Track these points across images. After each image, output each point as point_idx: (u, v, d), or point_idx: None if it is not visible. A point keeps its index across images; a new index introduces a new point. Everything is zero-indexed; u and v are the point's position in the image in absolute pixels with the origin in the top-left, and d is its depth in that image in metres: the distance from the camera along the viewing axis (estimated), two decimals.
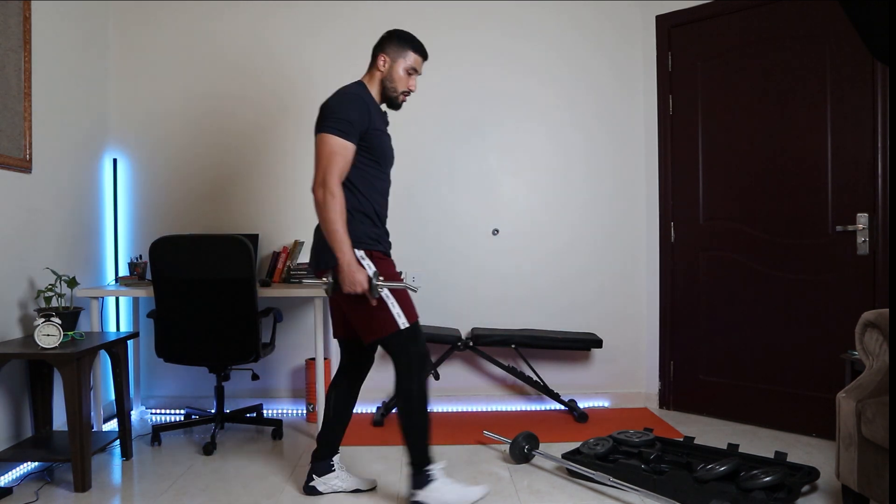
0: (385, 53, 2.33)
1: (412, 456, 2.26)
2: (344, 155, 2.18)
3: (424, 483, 2.23)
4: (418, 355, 2.23)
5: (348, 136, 2.18)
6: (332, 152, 2.17)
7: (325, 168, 2.16)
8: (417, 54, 2.35)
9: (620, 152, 3.77)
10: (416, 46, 2.35)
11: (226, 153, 3.73)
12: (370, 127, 2.24)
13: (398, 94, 2.35)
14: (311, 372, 3.49)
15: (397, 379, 2.24)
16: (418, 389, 2.22)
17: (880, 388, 2.13)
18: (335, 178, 2.16)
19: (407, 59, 2.33)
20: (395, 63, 2.32)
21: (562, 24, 3.75)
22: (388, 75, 2.33)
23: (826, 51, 3.05)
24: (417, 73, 2.36)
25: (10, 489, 2.52)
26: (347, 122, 2.18)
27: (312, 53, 3.73)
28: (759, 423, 3.32)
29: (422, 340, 2.26)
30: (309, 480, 2.47)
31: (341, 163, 2.18)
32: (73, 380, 2.49)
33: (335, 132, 2.17)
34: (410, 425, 2.24)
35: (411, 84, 2.36)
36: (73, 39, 3.33)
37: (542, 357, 3.76)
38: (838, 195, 3.03)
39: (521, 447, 2.80)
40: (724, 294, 3.43)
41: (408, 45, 2.33)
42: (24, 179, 2.91)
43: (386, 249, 2.34)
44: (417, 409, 2.23)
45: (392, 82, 2.33)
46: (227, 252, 2.86)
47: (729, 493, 2.27)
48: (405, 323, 2.21)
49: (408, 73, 2.34)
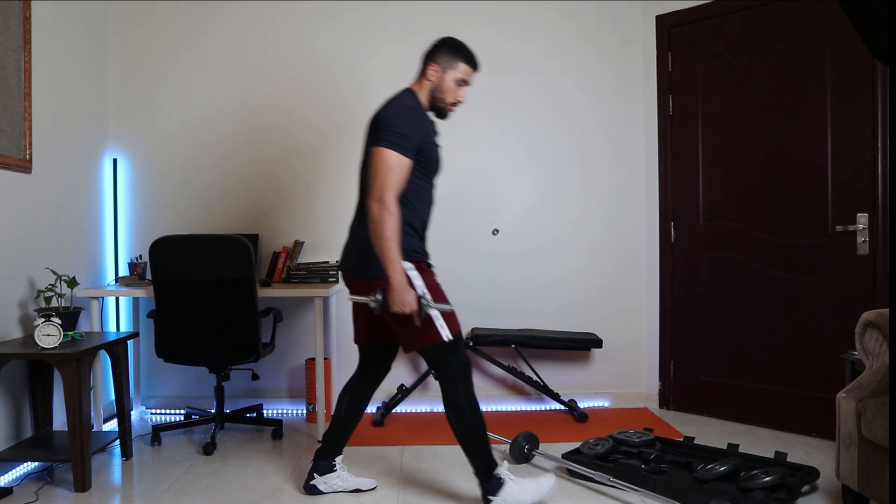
0: (436, 63, 2.28)
1: (478, 465, 2.23)
2: (401, 171, 2.14)
3: (498, 488, 2.21)
4: (460, 365, 2.21)
5: (406, 152, 2.14)
6: (390, 168, 2.11)
7: (383, 184, 2.10)
8: (468, 65, 2.29)
9: (620, 152, 3.77)
10: (468, 57, 2.29)
11: (226, 153, 3.73)
12: (426, 141, 2.21)
13: (446, 104, 2.30)
14: (311, 372, 3.49)
15: (443, 391, 2.22)
16: (467, 399, 2.21)
17: (880, 388, 2.13)
18: (392, 194, 2.10)
19: (457, 70, 2.27)
20: (445, 73, 2.27)
21: (561, 24, 3.75)
22: (438, 85, 2.28)
23: (826, 51, 3.05)
24: (467, 84, 2.31)
25: (10, 489, 2.52)
26: (406, 137, 2.13)
27: (316, 51, 3.73)
28: (759, 423, 3.32)
29: (463, 350, 2.24)
30: (310, 479, 2.47)
31: (399, 179, 2.13)
32: (73, 380, 2.49)
33: (394, 147, 2.12)
34: (469, 436, 2.22)
35: (460, 95, 2.30)
36: (73, 40, 3.33)
37: (542, 357, 3.76)
38: (838, 195, 3.03)
39: (521, 447, 2.80)
40: (724, 294, 3.43)
41: (459, 55, 2.28)
42: (24, 179, 2.91)
43: (429, 261, 2.34)
44: (471, 419, 2.21)
45: (441, 93, 2.28)
46: (227, 252, 2.86)
47: (729, 493, 2.27)
48: (448, 335, 2.19)
49: (458, 84, 2.28)
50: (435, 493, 2.48)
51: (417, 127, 2.18)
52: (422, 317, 2.14)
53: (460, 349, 2.23)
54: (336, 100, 3.74)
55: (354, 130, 3.73)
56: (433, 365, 2.24)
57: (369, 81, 3.73)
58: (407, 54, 3.71)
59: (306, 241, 3.71)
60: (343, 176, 3.73)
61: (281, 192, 3.73)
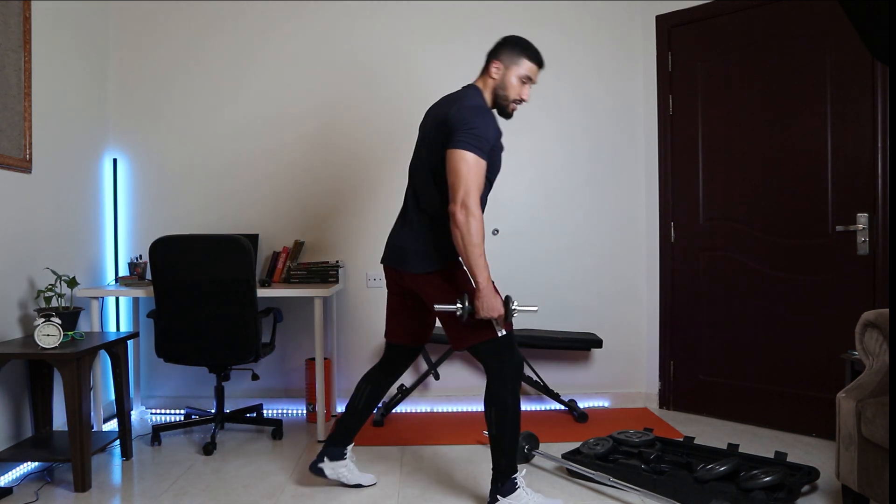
0: (499, 60, 2.26)
1: (502, 463, 2.22)
2: (481, 174, 2.11)
3: (510, 491, 2.21)
4: (513, 363, 2.20)
5: (483, 154, 2.10)
6: (470, 171, 2.07)
7: (467, 188, 2.06)
8: (532, 62, 2.25)
9: (620, 152, 3.77)
10: (532, 54, 2.25)
11: (225, 153, 3.73)
12: (494, 144, 2.19)
13: (509, 102, 2.26)
14: (311, 372, 3.49)
15: (491, 387, 2.21)
16: (512, 399, 2.19)
17: (880, 388, 2.13)
18: (476, 198, 2.07)
19: (521, 67, 2.24)
20: (508, 70, 2.24)
21: (561, 24, 3.75)
22: (501, 83, 2.25)
23: (826, 51, 3.05)
24: (532, 83, 2.27)
25: (10, 489, 2.52)
26: (485, 139, 2.10)
27: (317, 51, 3.73)
28: (759, 423, 3.32)
29: (517, 349, 2.23)
30: (319, 461, 2.47)
31: (480, 182, 2.10)
32: (73, 380, 2.49)
33: (474, 150, 2.08)
34: (503, 434, 2.20)
35: (524, 93, 2.27)
36: (73, 39, 3.33)
37: (542, 357, 3.76)
38: (838, 195, 3.03)
39: (521, 447, 2.80)
40: (724, 294, 3.43)
41: (523, 52, 2.25)
42: (24, 179, 2.91)
43: None
44: (511, 418, 2.20)
45: (504, 90, 2.25)
46: (227, 252, 2.86)
47: (729, 493, 2.27)
48: (502, 331, 2.18)
49: (521, 82, 2.25)
50: (435, 493, 2.48)
51: (492, 128, 2.15)
52: (508, 319, 2.15)
53: (515, 349, 2.22)
54: (336, 100, 3.74)
55: (355, 130, 3.73)
56: (484, 362, 2.22)
57: (370, 82, 3.73)
58: (408, 55, 3.71)
59: (306, 241, 3.71)
60: (344, 176, 3.73)
61: (281, 192, 3.73)
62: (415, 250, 2.25)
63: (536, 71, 2.27)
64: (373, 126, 3.71)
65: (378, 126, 3.72)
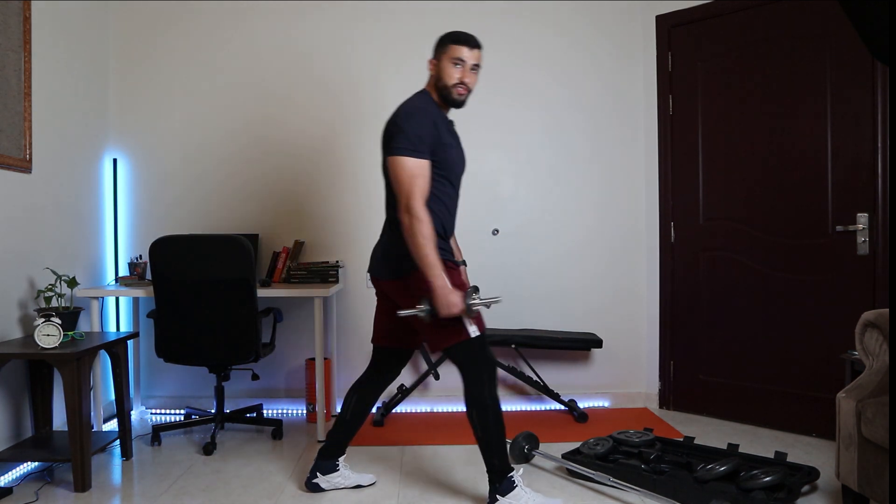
0: (432, 59, 2.32)
1: (493, 464, 2.23)
2: (423, 175, 2.15)
3: (508, 490, 2.21)
4: (487, 363, 2.21)
5: (422, 155, 2.15)
6: (411, 175, 2.13)
7: (408, 193, 2.12)
8: (456, 43, 2.26)
9: (620, 152, 3.77)
10: (454, 37, 2.28)
11: (226, 153, 3.73)
12: (438, 141, 2.21)
13: (450, 88, 2.27)
14: (311, 372, 3.49)
15: (467, 389, 2.22)
16: (491, 398, 2.20)
17: (880, 388, 2.13)
18: (420, 200, 2.12)
19: (449, 52, 2.27)
20: (440, 61, 2.29)
21: (561, 24, 3.75)
22: (438, 74, 2.29)
23: (826, 51, 3.04)
24: (466, 63, 2.26)
25: (10, 489, 2.52)
26: (418, 138, 2.15)
27: (318, 51, 3.73)
28: (759, 423, 3.32)
29: (490, 350, 2.25)
30: (312, 477, 2.48)
31: (423, 183, 2.15)
32: (73, 380, 2.49)
33: (409, 153, 2.13)
34: (489, 435, 2.22)
35: (460, 75, 2.26)
36: (73, 39, 3.33)
37: (542, 357, 3.76)
38: (838, 195, 3.03)
39: (521, 447, 2.80)
40: (724, 294, 3.43)
41: (446, 39, 2.29)
42: (24, 179, 2.91)
43: (454, 259, 2.34)
44: (493, 418, 2.21)
45: (441, 80, 2.28)
46: (227, 252, 2.86)
47: (729, 493, 2.27)
48: (475, 331, 2.19)
49: (453, 64, 2.25)
50: (435, 493, 2.48)
51: (427, 126, 2.18)
52: (471, 314, 2.14)
53: (487, 349, 2.23)
54: (337, 100, 3.74)
55: (355, 130, 3.73)
56: (459, 364, 2.23)
57: (371, 82, 3.73)
58: (410, 54, 3.71)
59: (306, 241, 3.71)
60: (343, 176, 3.73)
61: (281, 192, 3.73)
62: (383, 257, 2.32)
63: (467, 50, 2.26)
64: (373, 127, 3.70)
65: (378, 127, 3.71)
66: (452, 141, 2.31)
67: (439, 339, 2.21)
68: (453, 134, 2.35)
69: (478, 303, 2.15)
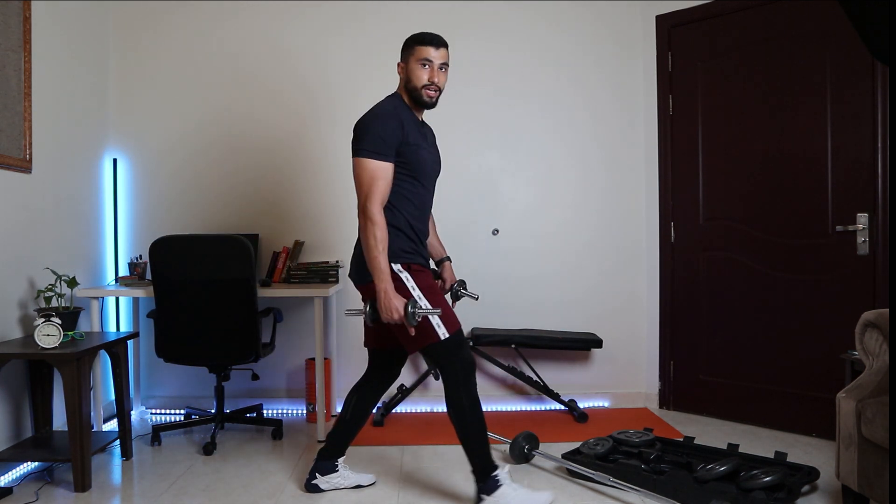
0: (400, 62, 2.34)
1: (475, 464, 2.24)
2: (383, 177, 2.18)
3: (493, 489, 2.21)
4: (462, 363, 2.21)
5: (385, 157, 2.17)
6: (371, 177, 2.16)
7: (366, 194, 2.16)
8: (422, 44, 2.28)
9: (620, 152, 3.77)
10: (419, 38, 2.29)
11: (226, 153, 3.73)
12: (404, 141, 2.22)
13: (420, 90, 2.28)
14: (311, 372, 3.49)
15: (445, 389, 2.23)
16: (468, 398, 2.21)
17: (880, 388, 2.13)
18: (376, 203, 2.15)
19: (416, 54, 2.28)
20: (408, 64, 2.30)
21: (561, 25, 3.75)
22: (407, 77, 2.30)
23: (826, 51, 3.04)
24: (433, 63, 2.26)
25: (10, 489, 2.52)
26: (381, 140, 2.17)
27: (318, 51, 3.73)
28: (759, 423, 3.32)
29: (467, 350, 2.25)
30: (311, 478, 2.48)
31: (381, 186, 2.17)
32: (73, 380, 2.49)
33: (371, 155, 2.16)
34: (467, 435, 2.22)
35: (429, 76, 2.27)
36: (73, 40, 3.33)
37: (542, 357, 3.76)
38: (838, 195, 3.03)
39: (521, 447, 2.80)
40: (724, 294, 3.43)
41: (411, 41, 2.31)
42: (24, 179, 2.91)
43: (423, 262, 2.33)
44: (471, 418, 2.21)
45: (411, 82, 2.29)
46: (227, 252, 2.86)
47: (729, 493, 2.27)
48: (445, 333, 2.19)
49: (421, 65, 2.27)
50: (435, 493, 2.48)
51: (392, 128, 2.20)
52: (411, 322, 2.13)
53: (464, 349, 2.23)
54: (337, 100, 3.74)
55: None
56: (436, 364, 2.25)
57: (372, 81, 3.73)
58: None
59: (306, 241, 3.71)
60: (343, 176, 3.73)
61: (281, 192, 3.73)
62: (356, 262, 2.33)
63: (433, 50, 2.27)
64: None
65: None
66: (423, 142, 2.31)
67: (413, 340, 2.22)
68: (424, 135, 2.36)
69: (421, 311, 2.14)
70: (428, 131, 2.43)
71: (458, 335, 2.23)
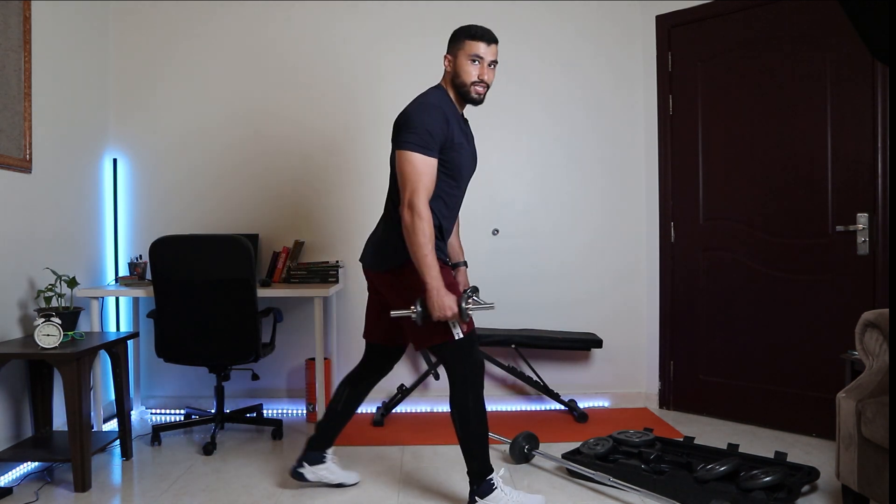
0: (447, 54, 2.28)
1: (473, 466, 2.23)
2: (429, 173, 2.11)
3: (487, 492, 2.20)
4: (473, 366, 2.19)
5: (430, 152, 2.11)
6: (417, 171, 2.09)
7: (413, 190, 2.08)
8: (473, 39, 2.20)
9: (620, 152, 3.77)
10: (470, 32, 2.22)
11: (226, 153, 3.73)
12: (449, 139, 2.17)
13: (468, 86, 2.24)
14: (311, 372, 3.49)
15: (452, 390, 2.21)
16: (474, 401, 2.19)
17: (880, 388, 2.13)
18: (423, 199, 2.08)
19: (466, 49, 2.22)
20: (456, 58, 2.24)
21: (561, 25, 3.75)
22: (455, 71, 2.24)
23: (826, 51, 3.04)
24: (484, 60, 2.21)
25: (10, 489, 2.52)
26: (429, 134, 2.10)
27: (318, 51, 3.73)
28: (759, 423, 3.32)
29: (478, 353, 2.22)
30: (298, 466, 2.48)
31: (427, 181, 2.10)
32: (73, 380, 2.49)
33: (418, 149, 2.09)
34: (469, 437, 2.21)
35: (479, 73, 2.22)
36: (73, 40, 3.33)
37: (542, 357, 3.76)
38: (838, 195, 3.03)
39: (521, 447, 2.80)
40: (724, 294, 3.43)
41: (461, 35, 2.24)
42: (24, 179, 2.91)
43: (444, 258, 2.29)
44: (475, 421, 2.20)
45: (459, 77, 2.23)
46: (227, 252, 2.86)
47: (729, 493, 2.27)
48: (460, 333, 2.16)
49: (471, 61, 2.20)
50: (435, 493, 2.48)
51: (439, 123, 2.14)
52: (465, 319, 2.11)
53: (475, 352, 2.21)
54: (337, 100, 3.74)
55: (356, 130, 3.73)
56: (445, 364, 2.22)
57: (372, 81, 3.73)
58: (410, 54, 3.71)
59: (306, 241, 3.71)
60: (344, 176, 3.73)
61: (281, 192, 3.73)
62: (376, 248, 2.29)
63: (484, 46, 2.22)
64: (374, 126, 3.70)
65: (380, 126, 3.71)
66: (464, 140, 2.26)
67: (424, 337, 2.19)
68: (466, 133, 2.31)
69: (472, 308, 2.12)
70: (468, 129, 2.37)
71: (471, 335, 2.20)
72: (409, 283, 2.16)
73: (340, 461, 2.78)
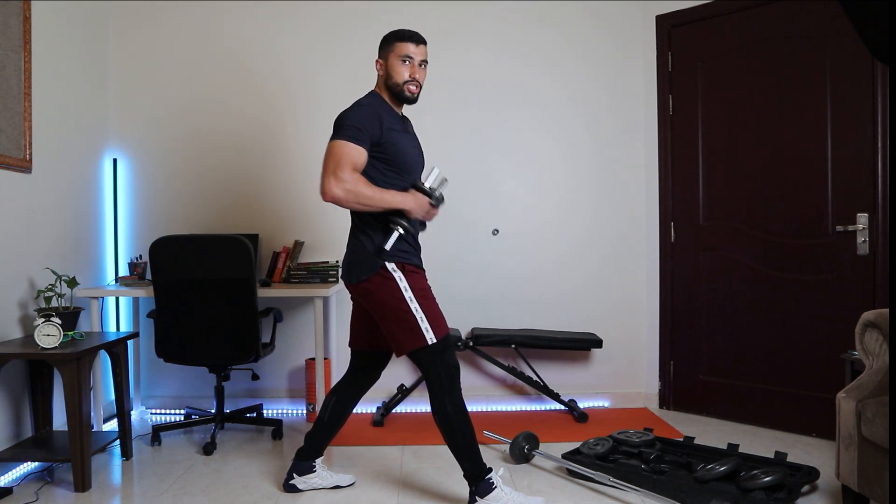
0: (379, 58, 2.34)
1: (466, 468, 2.24)
2: (352, 153, 2.15)
3: (487, 491, 2.21)
4: (447, 369, 2.21)
5: (358, 141, 2.16)
6: (342, 152, 2.14)
7: (336, 163, 2.13)
8: (402, 41, 2.27)
9: (620, 152, 3.77)
10: (399, 34, 2.29)
11: (226, 153, 3.73)
12: (383, 130, 2.21)
13: (401, 86, 2.29)
14: (311, 372, 3.49)
15: (430, 395, 2.23)
16: (452, 405, 2.20)
17: (880, 388, 2.13)
18: (345, 169, 2.12)
19: (396, 50, 2.28)
20: (388, 60, 2.30)
21: (561, 25, 3.75)
22: (388, 73, 2.30)
23: (826, 51, 3.04)
24: (414, 59, 2.27)
25: (10, 489, 2.52)
26: (356, 128, 2.16)
27: (318, 51, 3.73)
28: (759, 423, 3.32)
29: (451, 355, 2.23)
30: (289, 479, 2.49)
31: (351, 158, 2.14)
32: (73, 380, 2.49)
33: (346, 138, 2.15)
34: (455, 441, 2.22)
35: (410, 72, 2.27)
36: (73, 39, 3.33)
37: (542, 357, 3.76)
38: (838, 195, 3.03)
39: (521, 447, 2.80)
40: (724, 294, 3.43)
41: (391, 38, 2.31)
42: (24, 179, 2.91)
43: (417, 263, 2.31)
44: (457, 424, 2.21)
45: (392, 78, 2.29)
46: (227, 252, 2.86)
47: (729, 493, 2.27)
48: (433, 338, 2.18)
49: (402, 62, 2.27)
50: (435, 493, 2.48)
51: (368, 118, 2.19)
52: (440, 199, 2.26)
53: (447, 355, 2.22)
54: (338, 100, 3.73)
55: None
56: (421, 369, 2.24)
57: (371, 81, 3.72)
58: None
59: (306, 241, 3.71)
60: None
61: (281, 192, 3.73)
62: (346, 262, 2.32)
63: (413, 46, 2.28)
64: None
65: None
66: (402, 130, 2.31)
67: (401, 343, 2.22)
68: (407, 129, 2.37)
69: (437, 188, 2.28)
70: (409, 124, 2.42)
71: (444, 340, 2.22)
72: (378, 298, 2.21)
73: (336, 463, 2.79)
